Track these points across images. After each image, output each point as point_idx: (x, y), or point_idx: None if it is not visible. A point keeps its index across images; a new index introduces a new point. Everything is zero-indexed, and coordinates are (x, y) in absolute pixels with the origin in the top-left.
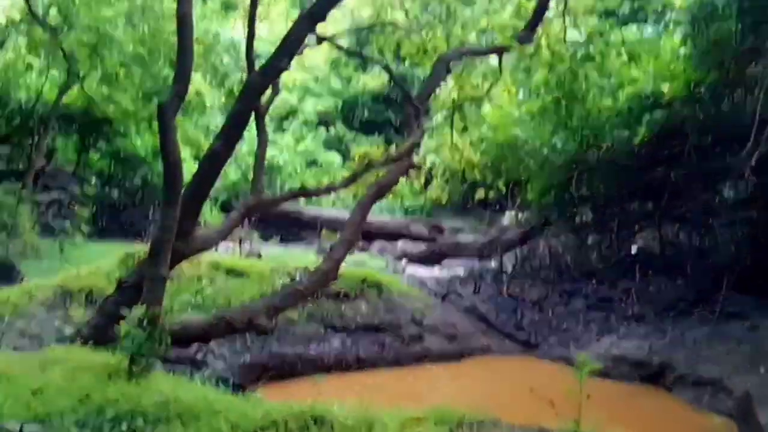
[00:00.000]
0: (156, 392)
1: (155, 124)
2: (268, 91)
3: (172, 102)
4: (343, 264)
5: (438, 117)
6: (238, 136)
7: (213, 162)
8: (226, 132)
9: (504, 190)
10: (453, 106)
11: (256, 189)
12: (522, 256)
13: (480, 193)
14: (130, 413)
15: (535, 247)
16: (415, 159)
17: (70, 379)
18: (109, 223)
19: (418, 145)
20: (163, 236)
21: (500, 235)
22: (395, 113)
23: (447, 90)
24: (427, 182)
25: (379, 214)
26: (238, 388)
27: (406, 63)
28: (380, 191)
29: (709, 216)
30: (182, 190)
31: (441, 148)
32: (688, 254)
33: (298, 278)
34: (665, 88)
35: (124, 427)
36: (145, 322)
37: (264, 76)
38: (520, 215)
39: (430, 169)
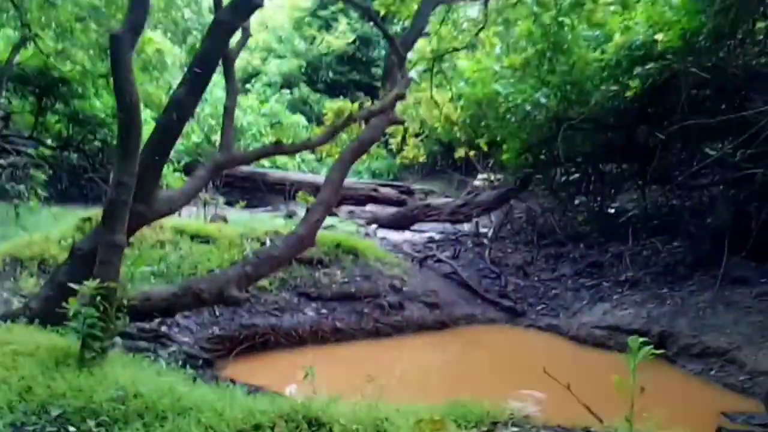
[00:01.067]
0: (112, 384)
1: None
2: (238, 34)
3: (127, 33)
4: None
5: (413, 72)
6: (204, 83)
7: (176, 112)
8: (190, 78)
9: (486, 148)
10: (432, 58)
11: (226, 144)
12: (500, 220)
13: (460, 152)
14: (79, 412)
15: (512, 210)
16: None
17: (10, 366)
18: (69, 187)
19: (403, 96)
20: (119, 197)
21: (474, 197)
22: (360, 74)
23: (425, 42)
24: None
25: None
26: (207, 364)
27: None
28: (362, 148)
29: (703, 176)
30: (141, 145)
31: (418, 104)
32: (683, 215)
33: (269, 244)
34: (659, 37)
35: (71, 429)
36: (98, 297)
37: (234, 13)
38: (493, 177)
39: (406, 128)
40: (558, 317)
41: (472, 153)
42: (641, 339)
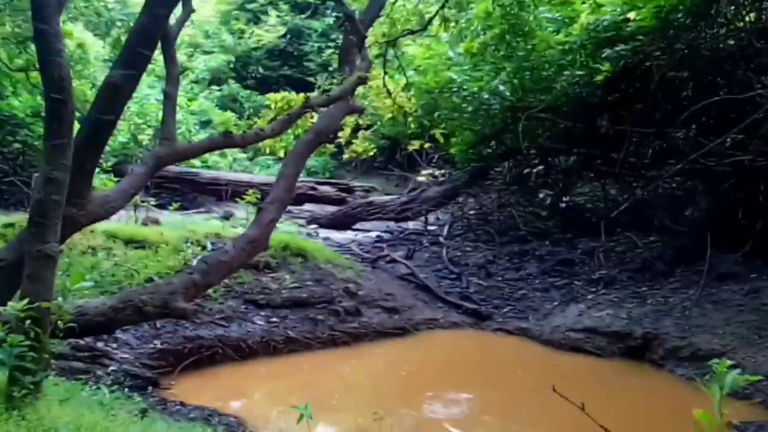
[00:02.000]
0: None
1: (34, 77)
2: (179, 11)
3: None
4: None
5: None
6: (142, 62)
7: (111, 97)
8: (126, 57)
9: (441, 140)
10: (385, 42)
11: (167, 136)
12: (451, 217)
13: (414, 145)
14: None
15: (464, 207)
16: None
17: None
18: None
19: (365, 80)
20: (49, 195)
21: (420, 193)
22: (292, 69)
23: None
24: None
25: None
26: (151, 384)
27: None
28: (317, 138)
29: (676, 165)
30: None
31: (369, 92)
32: (657, 208)
33: (210, 247)
34: (631, 16)
35: None
36: (28, 321)
37: None
38: (438, 172)
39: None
40: (527, 320)
41: (427, 146)
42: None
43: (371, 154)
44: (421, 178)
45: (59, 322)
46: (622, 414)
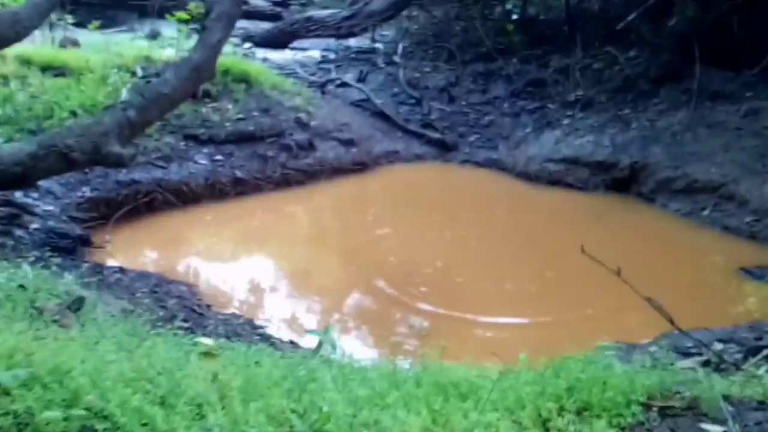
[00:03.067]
0: None
1: None
2: None
3: None
4: None
5: None
6: None
7: None
8: None
9: None
10: None
11: None
12: (402, 32)
13: None
14: None
15: (415, 20)
16: None
17: None
18: None
19: None
20: None
21: (364, 6)
22: None
23: None
24: None
25: None
26: (82, 242)
27: None
28: None
29: None
30: None
31: None
32: (637, 15)
33: (140, 73)
34: None
35: None
36: None
37: None
38: None
39: None
40: (497, 150)
41: None
42: None
43: None
44: None
45: None
46: (622, 258)
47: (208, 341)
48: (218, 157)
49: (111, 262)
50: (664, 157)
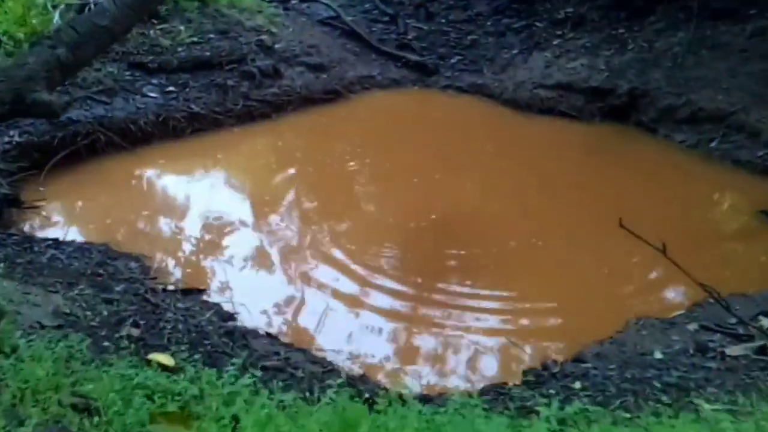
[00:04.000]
0: None
1: None
2: None
3: None
4: None
5: None
6: None
7: None
8: None
9: None
10: None
11: None
12: None
13: None
14: None
15: None
16: None
17: None
18: None
19: None
20: None
21: None
22: None
23: None
24: None
25: None
26: (7, 204)
27: None
28: None
29: None
30: None
31: None
32: None
33: None
34: None
35: None
36: None
37: None
38: None
39: None
40: (482, 74)
41: None
42: None
43: None
44: None
45: None
46: (626, 200)
47: (165, 360)
48: (170, 88)
49: (45, 231)
50: (665, 83)
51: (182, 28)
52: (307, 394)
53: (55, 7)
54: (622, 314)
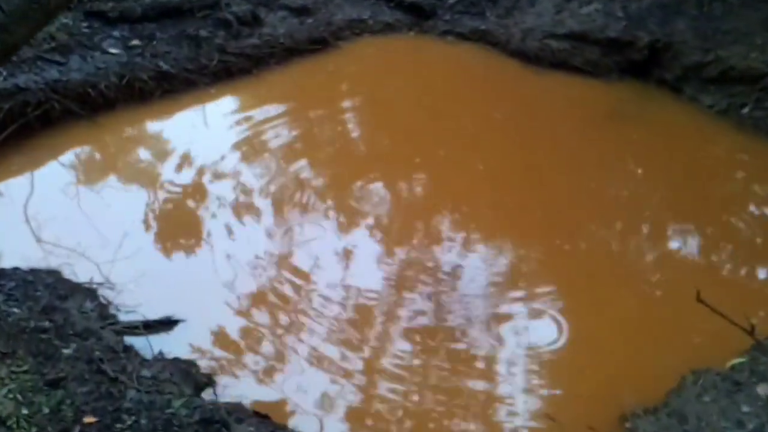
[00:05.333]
0: None
1: None
2: None
3: None
4: None
5: None
6: None
7: None
8: None
9: None
10: None
11: None
12: None
13: None
14: None
15: None
16: None
17: None
18: None
19: None
20: None
21: None
22: None
23: None
24: None
25: None
26: None
27: None
28: None
29: None
30: None
31: None
32: None
33: None
34: None
35: None
36: None
37: None
38: None
39: None
40: (484, 17)
41: None
42: None
43: None
44: None
45: None
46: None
47: None
48: (134, 42)
49: None
50: (690, 35)
51: None
52: None
53: None
54: (669, 360)
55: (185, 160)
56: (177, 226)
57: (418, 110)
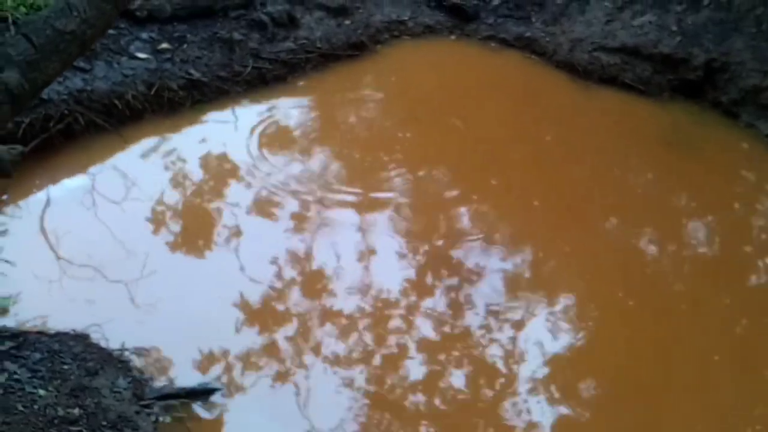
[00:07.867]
0: None
1: None
2: None
3: None
4: None
5: None
6: None
7: None
8: None
9: None
10: None
11: None
12: None
13: None
14: None
15: None
16: None
17: None
18: None
19: None
20: None
21: None
22: None
23: None
24: None
25: None
26: None
27: None
28: None
29: None
30: None
31: None
32: None
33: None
34: None
35: None
36: None
37: None
38: None
39: None
40: (530, 23)
41: None
42: None
43: None
44: None
45: None
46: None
47: None
48: (164, 45)
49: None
50: (748, 54)
51: None
52: None
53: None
54: None
55: (218, 181)
56: (207, 262)
57: (461, 132)
